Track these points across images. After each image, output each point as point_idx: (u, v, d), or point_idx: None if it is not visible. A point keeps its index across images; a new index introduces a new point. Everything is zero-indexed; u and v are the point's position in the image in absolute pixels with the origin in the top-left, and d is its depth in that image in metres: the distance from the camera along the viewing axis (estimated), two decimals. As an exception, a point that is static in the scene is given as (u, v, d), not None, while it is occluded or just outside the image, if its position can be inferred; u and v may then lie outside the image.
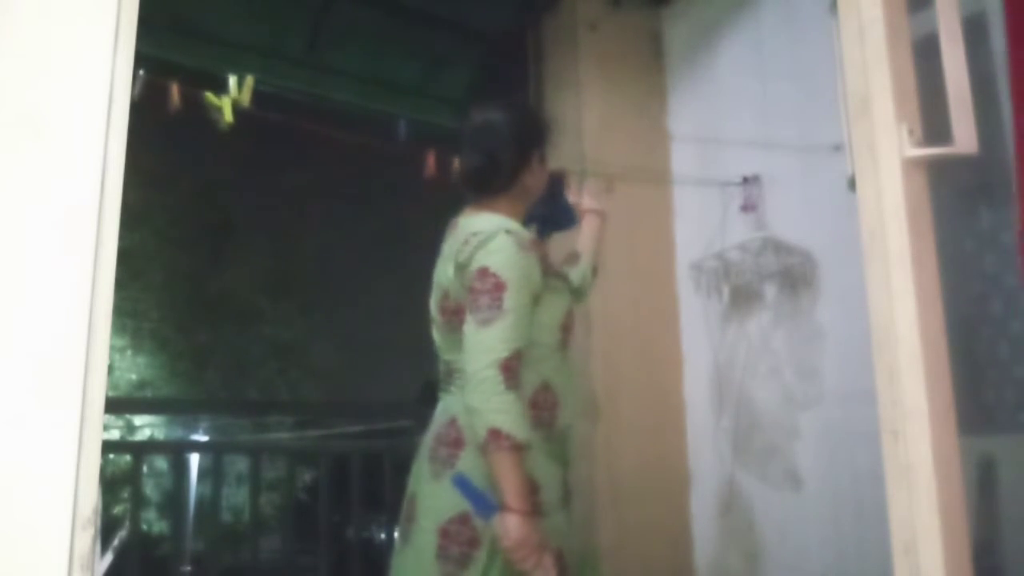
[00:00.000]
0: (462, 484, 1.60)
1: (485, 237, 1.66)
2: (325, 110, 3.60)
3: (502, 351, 1.56)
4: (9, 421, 0.73)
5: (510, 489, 1.53)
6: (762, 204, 2.99)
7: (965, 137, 1.19)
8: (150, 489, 10.27)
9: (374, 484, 3.45)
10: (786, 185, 2.93)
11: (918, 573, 1.07)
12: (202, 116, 2.77)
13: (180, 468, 4.16)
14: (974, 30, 2.09)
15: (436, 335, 1.81)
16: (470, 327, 1.59)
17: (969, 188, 2.26)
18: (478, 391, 1.55)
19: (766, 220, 2.96)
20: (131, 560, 3.14)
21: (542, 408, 1.69)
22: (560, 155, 3.46)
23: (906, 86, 1.20)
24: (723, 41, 3.30)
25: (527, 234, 1.75)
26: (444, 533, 1.62)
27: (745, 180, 3.04)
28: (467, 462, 1.63)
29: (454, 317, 1.70)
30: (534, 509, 1.59)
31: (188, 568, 4.98)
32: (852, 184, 1.26)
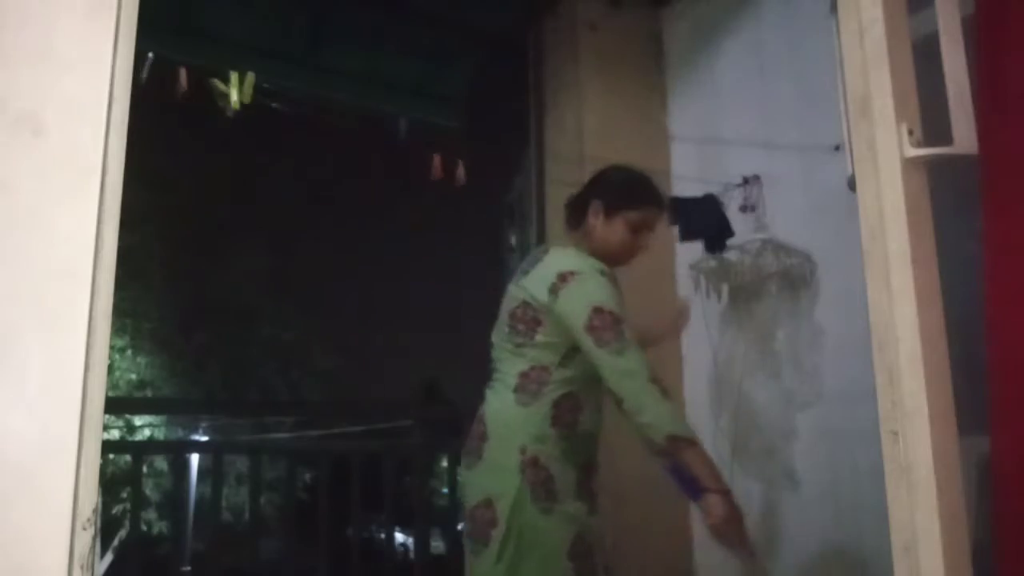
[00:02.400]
0: (675, 470, 1.81)
1: (585, 277, 1.91)
2: (325, 109, 3.60)
3: (647, 369, 1.85)
4: (9, 421, 0.73)
5: (704, 474, 1.78)
6: (762, 204, 2.99)
7: (965, 137, 1.19)
8: (150, 489, 10.27)
9: (374, 484, 3.45)
10: (786, 185, 2.93)
11: (918, 573, 1.07)
12: (203, 114, 2.77)
13: (180, 468, 4.16)
14: (974, 30, 2.09)
15: (495, 336, 2.05)
16: (606, 357, 1.84)
17: (969, 188, 2.26)
18: (648, 405, 1.81)
19: (766, 221, 2.96)
20: (131, 560, 3.14)
21: (563, 411, 1.91)
22: (560, 155, 3.47)
23: (906, 86, 1.20)
24: (723, 41, 3.30)
25: (603, 266, 1.97)
26: (471, 517, 1.88)
27: (745, 180, 3.04)
28: (492, 453, 1.89)
29: (525, 326, 1.94)
30: (542, 496, 1.82)
31: (188, 568, 4.97)
32: (852, 184, 1.26)
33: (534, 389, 1.92)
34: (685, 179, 3.27)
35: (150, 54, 2.61)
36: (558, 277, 1.91)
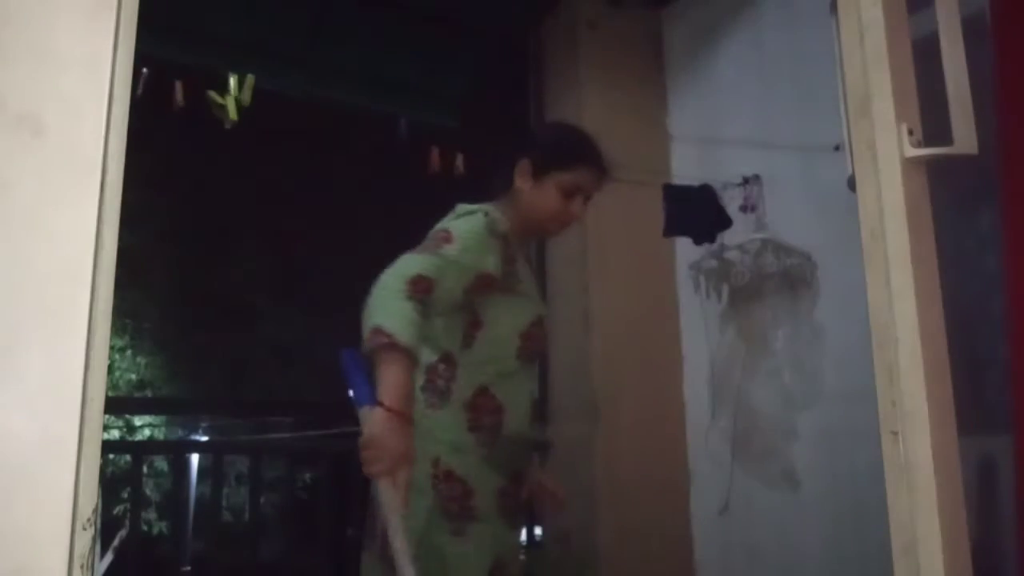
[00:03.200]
0: (349, 358, 1.45)
1: (462, 212, 1.68)
2: (325, 109, 3.60)
3: (414, 269, 1.49)
4: (9, 421, 0.73)
5: (385, 385, 1.39)
6: (762, 204, 2.99)
7: (965, 137, 1.19)
8: (150, 489, 10.26)
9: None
10: (786, 185, 2.93)
11: (918, 573, 1.07)
12: (203, 115, 2.77)
13: (180, 468, 4.16)
14: (974, 30, 2.08)
15: None
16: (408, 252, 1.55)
17: (969, 188, 2.25)
18: (376, 296, 1.46)
19: (766, 220, 2.96)
20: (131, 560, 3.14)
21: (482, 412, 1.62)
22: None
23: (906, 86, 1.20)
24: (723, 41, 3.30)
25: (503, 228, 1.67)
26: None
27: (745, 180, 3.04)
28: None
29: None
30: (456, 516, 1.54)
31: (188, 568, 4.97)
32: (852, 184, 1.26)
33: (442, 387, 1.63)
34: (685, 179, 3.26)
35: (144, 70, 2.61)
36: (432, 237, 1.62)
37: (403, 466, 1.39)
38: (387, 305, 1.44)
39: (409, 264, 1.51)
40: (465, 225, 1.63)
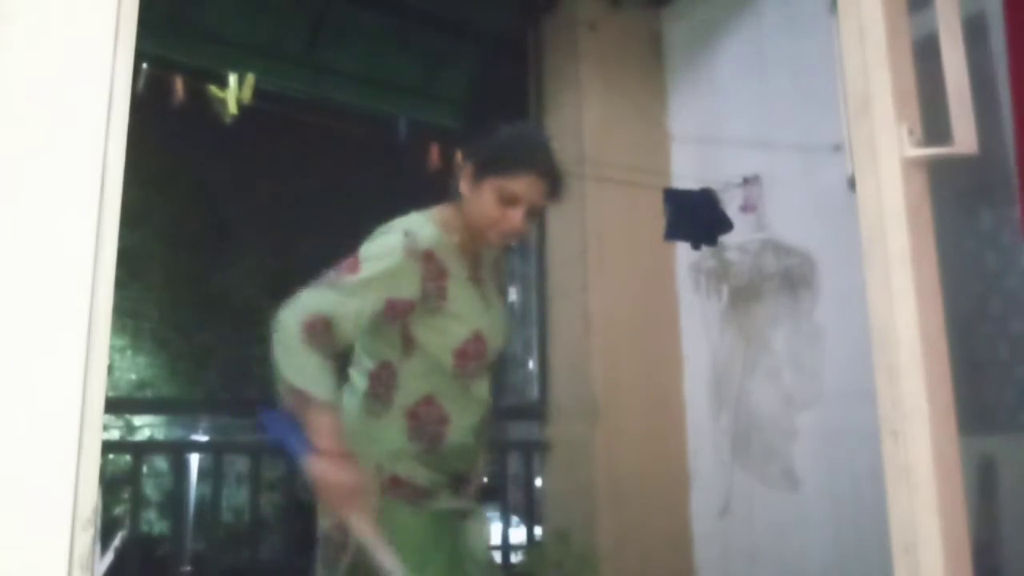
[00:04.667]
0: (270, 420, 1.51)
1: (379, 232, 1.61)
2: (325, 109, 3.60)
3: (310, 308, 1.50)
4: (9, 421, 0.73)
5: (315, 431, 1.46)
6: (762, 204, 2.99)
7: (965, 137, 1.19)
8: (150, 489, 10.26)
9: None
10: (786, 185, 2.93)
11: (918, 573, 1.07)
12: (203, 115, 2.78)
13: (180, 468, 4.16)
14: (974, 30, 2.09)
15: None
16: (318, 281, 1.55)
17: (969, 188, 2.25)
18: (279, 343, 1.50)
19: (766, 221, 2.96)
20: (131, 560, 3.14)
21: (424, 421, 1.60)
22: (560, 155, 3.46)
23: (906, 86, 1.20)
24: (723, 41, 3.30)
25: (428, 244, 1.60)
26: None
27: (745, 180, 3.04)
28: None
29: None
30: (409, 497, 1.56)
31: (188, 568, 4.97)
32: (852, 184, 1.26)
33: (383, 394, 1.61)
34: (685, 179, 3.27)
35: (144, 64, 2.61)
36: (340, 265, 1.59)
37: (359, 496, 1.47)
38: (292, 359, 1.48)
39: (306, 303, 1.51)
40: (377, 248, 1.58)
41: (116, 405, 6.04)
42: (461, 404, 1.64)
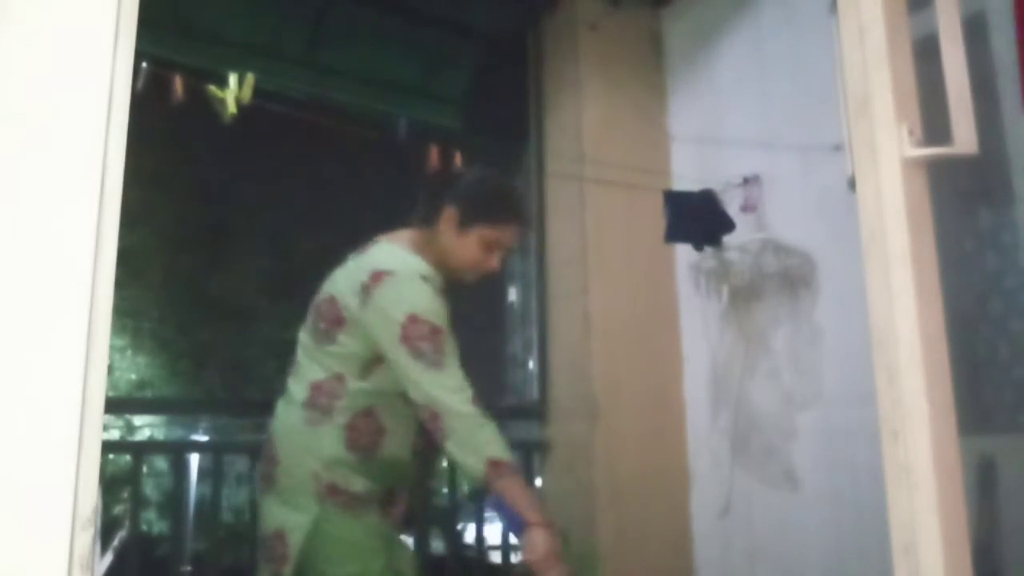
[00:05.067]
0: (497, 505, 1.62)
1: (402, 279, 1.66)
2: (325, 109, 3.60)
3: (468, 388, 1.61)
4: (9, 421, 0.73)
5: (527, 505, 1.59)
6: (762, 204, 2.99)
7: (965, 137, 1.19)
8: (150, 489, 10.26)
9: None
10: (786, 185, 2.93)
11: (918, 573, 1.07)
12: (203, 115, 2.78)
13: (180, 468, 4.15)
14: (974, 30, 2.09)
15: (302, 332, 1.81)
16: (418, 371, 1.61)
17: (969, 188, 2.25)
18: (464, 428, 1.58)
19: (766, 220, 2.96)
20: (131, 560, 3.13)
21: (362, 432, 1.69)
22: (561, 155, 3.47)
23: (906, 86, 1.20)
24: (723, 41, 3.30)
25: (438, 283, 1.72)
26: (265, 546, 1.69)
27: (745, 180, 3.04)
28: (282, 481, 1.69)
29: (327, 324, 1.71)
30: (347, 505, 1.65)
31: (188, 568, 4.97)
32: (852, 184, 1.26)
33: (325, 404, 1.68)
34: (685, 179, 3.27)
35: (144, 64, 2.62)
36: (371, 276, 1.67)
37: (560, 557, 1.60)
38: (482, 436, 1.59)
39: (458, 384, 1.61)
40: (426, 303, 1.65)
41: (116, 405, 6.03)
42: (399, 419, 1.72)
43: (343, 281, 1.73)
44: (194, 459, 9.53)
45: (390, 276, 1.66)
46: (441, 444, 1.61)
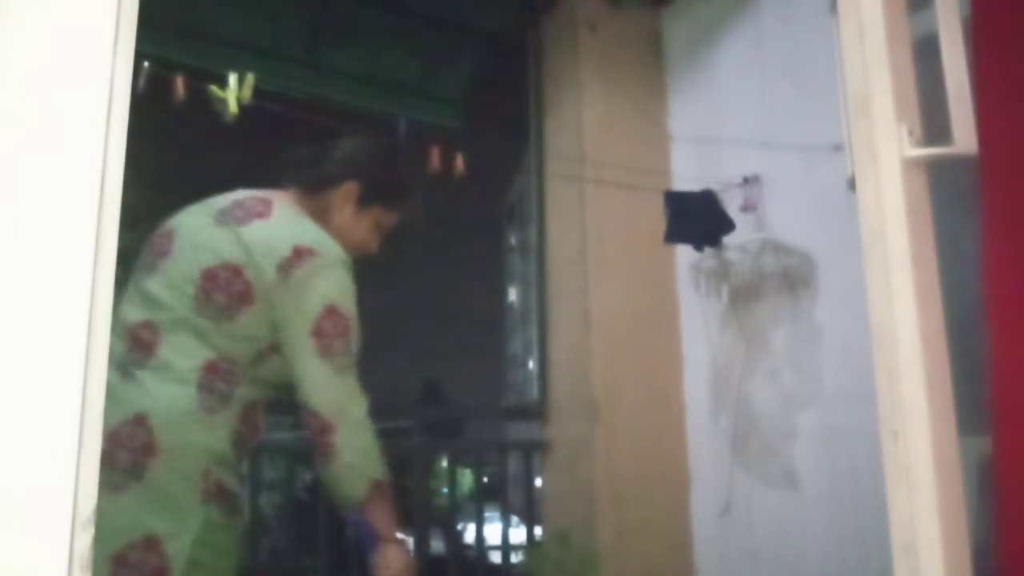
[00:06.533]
0: (356, 519, 1.52)
1: (327, 263, 1.50)
2: (325, 109, 3.60)
3: (365, 400, 1.51)
4: (9, 421, 0.73)
5: (387, 522, 1.51)
6: (762, 204, 2.99)
7: (965, 137, 1.19)
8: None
9: None
10: (786, 185, 2.93)
11: (918, 573, 1.07)
12: (203, 115, 2.78)
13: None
14: (971, 29, 2.08)
15: (151, 285, 1.53)
16: (324, 373, 1.46)
17: (969, 188, 2.25)
18: (360, 444, 1.48)
19: (766, 220, 2.96)
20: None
21: (247, 426, 1.51)
22: (560, 155, 3.47)
23: (906, 86, 1.20)
24: (723, 41, 3.30)
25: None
26: (121, 561, 1.32)
27: (745, 180, 3.04)
28: (160, 476, 1.36)
29: (227, 298, 1.46)
30: (228, 510, 1.45)
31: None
32: (852, 184, 1.26)
33: (223, 391, 1.45)
34: (685, 179, 3.27)
35: (145, 63, 2.62)
36: (293, 251, 1.46)
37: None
38: (374, 454, 1.50)
39: (358, 395, 1.51)
40: (348, 298, 1.52)
41: (116, 405, 6.03)
42: (262, 416, 1.59)
43: (258, 250, 1.47)
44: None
45: (314, 258, 1.47)
46: (323, 461, 1.46)
